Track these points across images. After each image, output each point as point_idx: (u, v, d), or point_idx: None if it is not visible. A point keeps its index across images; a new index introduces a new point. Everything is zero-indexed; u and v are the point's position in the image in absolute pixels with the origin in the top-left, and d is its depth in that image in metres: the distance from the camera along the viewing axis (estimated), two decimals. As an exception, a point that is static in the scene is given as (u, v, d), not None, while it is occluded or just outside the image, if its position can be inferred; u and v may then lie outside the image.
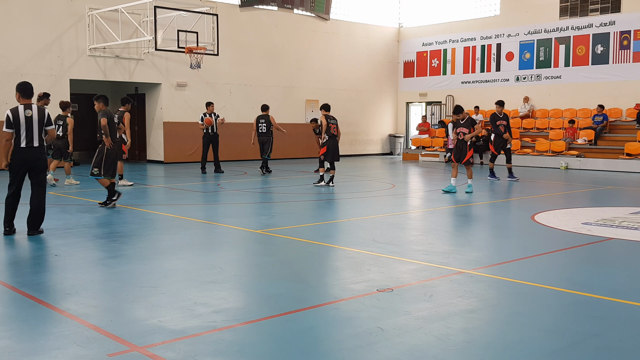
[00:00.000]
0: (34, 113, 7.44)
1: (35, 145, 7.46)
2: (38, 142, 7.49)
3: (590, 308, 4.80)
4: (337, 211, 10.35)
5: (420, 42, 26.26)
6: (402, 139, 27.09)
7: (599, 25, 20.90)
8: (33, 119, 7.42)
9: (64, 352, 3.78)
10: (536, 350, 3.88)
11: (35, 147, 7.46)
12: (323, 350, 3.93)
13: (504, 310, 4.75)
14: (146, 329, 4.19)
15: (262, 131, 16.50)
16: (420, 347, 3.92)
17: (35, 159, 7.48)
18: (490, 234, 8.30)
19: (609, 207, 10.51)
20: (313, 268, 6.22)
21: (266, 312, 4.63)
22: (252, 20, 22.23)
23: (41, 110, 7.58)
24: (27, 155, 7.42)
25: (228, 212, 10.12)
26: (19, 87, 7.52)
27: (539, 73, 22.57)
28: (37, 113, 7.48)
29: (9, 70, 16.96)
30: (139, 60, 19.61)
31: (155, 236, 7.83)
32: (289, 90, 23.46)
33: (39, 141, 7.50)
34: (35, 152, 7.47)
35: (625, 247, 7.20)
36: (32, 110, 7.45)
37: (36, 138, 7.46)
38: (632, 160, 18.14)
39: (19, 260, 6.47)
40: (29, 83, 7.61)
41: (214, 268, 5.98)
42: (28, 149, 7.41)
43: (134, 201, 10.90)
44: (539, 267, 6.22)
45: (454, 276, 5.69)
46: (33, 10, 17.59)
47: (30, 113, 7.41)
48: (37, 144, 7.48)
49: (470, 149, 12.36)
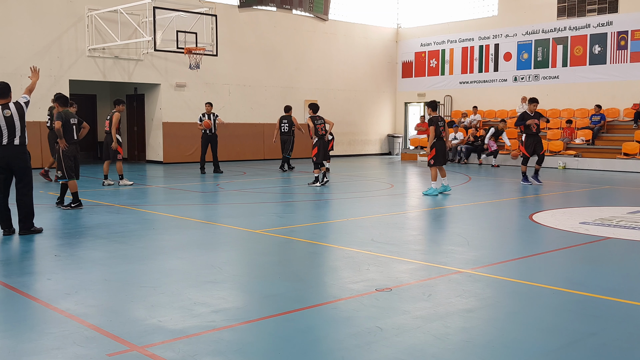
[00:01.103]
0: (12, 112, 7.44)
1: (16, 144, 7.46)
2: (19, 140, 7.48)
3: (588, 307, 4.82)
4: (336, 211, 10.36)
5: (419, 43, 26.29)
6: (400, 139, 27.11)
7: (597, 25, 20.94)
8: (13, 117, 7.42)
9: (64, 352, 3.79)
10: (534, 349, 3.90)
11: (16, 145, 7.45)
12: (322, 349, 3.94)
13: (502, 310, 4.77)
14: (146, 329, 4.21)
15: (284, 130, 17.22)
16: (419, 346, 3.93)
17: (14, 156, 7.46)
18: (488, 233, 8.31)
19: (607, 206, 10.53)
20: (312, 268, 6.24)
21: (265, 312, 4.64)
22: (251, 20, 22.25)
23: (20, 107, 7.54)
24: (7, 152, 7.41)
25: (227, 212, 10.13)
26: None
27: (537, 73, 22.61)
28: (16, 111, 7.47)
29: (8, 70, 16.95)
30: (138, 61, 19.61)
31: (154, 236, 7.84)
32: (288, 90, 23.47)
33: (20, 140, 7.49)
34: (14, 150, 7.45)
35: (623, 246, 7.23)
36: (11, 110, 7.45)
37: (18, 136, 7.46)
38: (630, 160, 18.17)
39: (19, 260, 6.48)
40: (6, 82, 7.60)
41: (213, 268, 6.00)
42: (8, 146, 7.41)
43: (133, 201, 10.91)
44: (537, 266, 6.24)
45: (452, 275, 5.71)
46: (32, 11, 17.59)
47: (9, 112, 7.41)
48: (17, 142, 7.47)
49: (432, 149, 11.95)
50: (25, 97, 7.77)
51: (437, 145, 11.87)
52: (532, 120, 13.47)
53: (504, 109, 23.40)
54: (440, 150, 11.89)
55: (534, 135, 13.66)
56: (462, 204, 10.67)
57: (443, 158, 12.01)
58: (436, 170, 11.98)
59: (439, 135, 11.85)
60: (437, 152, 11.89)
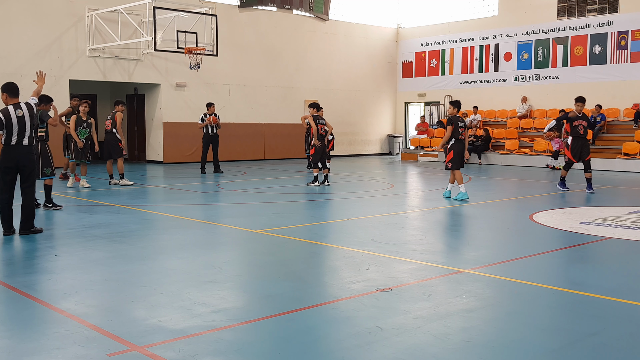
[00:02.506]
0: (24, 112, 7.50)
1: (25, 144, 7.51)
2: (28, 141, 7.53)
3: (588, 307, 4.82)
4: (336, 211, 10.36)
5: (419, 43, 26.29)
6: (400, 139, 27.12)
7: (597, 25, 20.94)
8: (25, 118, 7.48)
9: (64, 352, 3.79)
10: (535, 349, 3.90)
11: (24, 145, 7.51)
12: (322, 349, 3.94)
13: (502, 310, 4.76)
14: (146, 329, 4.21)
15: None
16: (419, 346, 3.93)
17: (23, 157, 7.50)
18: (488, 233, 8.31)
19: (607, 206, 10.53)
20: (312, 268, 6.24)
21: (265, 312, 4.64)
22: (251, 20, 22.25)
23: (31, 108, 7.61)
24: (16, 152, 7.46)
25: (227, 212, 10.13)
26: (6, 87, 7.59)
27: (537, 73, 22.61)
28: (27, 112, 7.53)
29: (8, 71, 16.95)
30: (138, 61, 19.61)
31: (154, 236, 7.84)
32: (288, 90, 23.48)
33: (28, 140, 7.54)
34: (23, 150, 7.51)
35: (623, 246, 7.22)
36: (23, 110, 7.50)
37: (27, 137, 7.51)
38: (630, 160, 18.17)
39: (19, 261, 6.48)
40: (15, 83, 7.67)
41: (214, 268, 6.00)
42: (17, 146, 7.46)
43: (133, 201, 10.91)
44: (537, 266, 6.24)
45: (452, 275, 5.70)
46: (32, 11, 17.59)
47: (21, 113, 7.46)
48: (26, 143, 7.52)
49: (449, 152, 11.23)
50: (34, 99, 7.87)
51: (456, 147, 11.09)
52: (580, 121, 12.39)
53: (504, 109, 23.40)
54: (458, 153, 11.09)
55: (581, 138, 12.42)
56: (462, 204, 10.67)
57: (461, 161, 11.17)
58: (460, 173, 11.17)
59: (457, 137, 11.08)
60: (455, 154, 11.09)
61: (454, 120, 11.15)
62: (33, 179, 7.72)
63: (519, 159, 20.50)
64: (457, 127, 11.09)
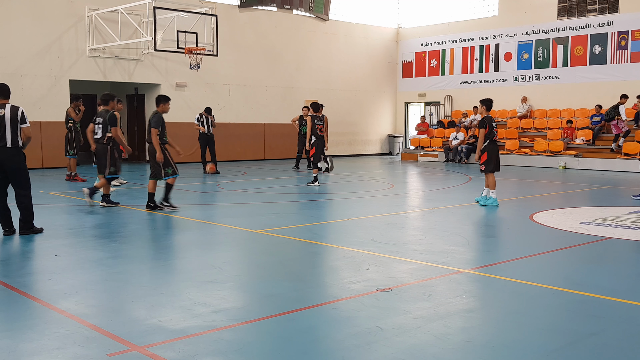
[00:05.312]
0: (6, 112, 7.34)
1: (8, 146, 7.34)
2: (11, 142, 7.35)
3: (588, 307, 4.82)
4: (336, 211, 10.36)
5: (419, 43, 26.29)
6: (401, 139, 27.12)
7: (597, 25, 20.94)
8: (5, 118, 7.31)
9: (64, 352, 3.80)
10: (534, 349, 3.90)
11: (7, 147, 7.34)
12: (322, 349, 3.94)
13: (502, 310, 4.76)
14: (146, 329, 4.21)
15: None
16: (419, 346, 3.93)
17: (6, 159, 7.37)
18: (488, 233, 8.31)
19: (607, 206, 10.53)
20: (312, 268, 6.24)
21: (265, 312, 4.64)
22: (252, 20, 22.25)
23: (14, 109, 7.42)
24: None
25: (227, 212, 10.13)
26: None
27: (537, 73, 22.61)
28: (9, 112, 7.36)
29: (8, 71, 16.95)
30: (138, 61, 19.61)
31: (154, 236, 7.84)
32: (288, 90, 23.48)
33: (11, 142, 7.36)
34: (6, 153, 7.36)
35: (623, 246, 7.23)
36: (5, 110, 7.35)
37: (8, 138, 7.33)
38: (630, 160, 18.16)
39: (19, 260, 6.48)
40: (7, 85, 7.53)
41: (214, 268, 6.00)
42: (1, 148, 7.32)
43: (133, 201, 10.91)
44: (538, 266, 6.24)
45: (452, 276, 5.70)
46: (33, 11, 17.58)
47: (2, 112, 7.33)
48: (9, 145, 7.34)
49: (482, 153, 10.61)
50: (24, 113, 7.50)
51: (490, 148, 10.47)
52: None
53: (505, 109, 23.40)
54: (493, 155, 10.47)
55: None
56: (462, 204, 10.67)
57: (497, 164, 10.55)
58: (493, 177, 10.53)
59: (492, 138, 10.49)
60: (489, 156, 10.46)
61: (487, 121, 10.49)
62: (22, 180, 7.54)
63: (519, 159, 20.50)
64: (491, 129, 10.48)
